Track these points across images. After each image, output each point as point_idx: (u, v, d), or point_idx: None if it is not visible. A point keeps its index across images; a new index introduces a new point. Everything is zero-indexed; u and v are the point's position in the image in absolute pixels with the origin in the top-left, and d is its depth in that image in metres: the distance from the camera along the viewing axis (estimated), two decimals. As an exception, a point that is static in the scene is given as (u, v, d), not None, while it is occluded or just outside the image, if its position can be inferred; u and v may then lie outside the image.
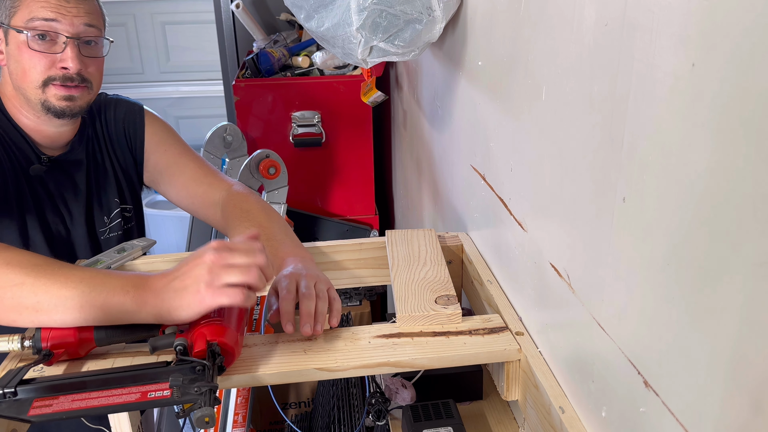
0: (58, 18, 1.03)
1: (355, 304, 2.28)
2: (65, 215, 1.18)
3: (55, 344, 0.79)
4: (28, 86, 1.06)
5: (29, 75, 1.05)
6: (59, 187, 1.17)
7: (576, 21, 0.65)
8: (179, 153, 1.27)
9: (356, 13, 1.00)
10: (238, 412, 1.65)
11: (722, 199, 0.43)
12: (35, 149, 1.13)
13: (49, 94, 1.06)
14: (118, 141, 1.26)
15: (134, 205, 1.31)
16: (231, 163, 2.06)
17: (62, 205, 1.18)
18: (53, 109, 1.08)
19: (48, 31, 1.03)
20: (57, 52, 1.05)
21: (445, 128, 1.32)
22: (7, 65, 1.08)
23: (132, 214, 1.30)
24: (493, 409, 0.99)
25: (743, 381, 0.42)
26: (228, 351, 0.75)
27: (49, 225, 1.16)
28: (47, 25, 1.03)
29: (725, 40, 0.42)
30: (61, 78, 1.06)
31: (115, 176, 1.26)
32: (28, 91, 1.07)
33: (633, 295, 0.56)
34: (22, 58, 1.05)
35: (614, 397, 0.62)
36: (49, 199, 1.16)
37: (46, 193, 1.16)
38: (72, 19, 1.05)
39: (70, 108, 1.08)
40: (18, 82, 1.07)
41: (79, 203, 1.20)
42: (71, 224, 1.19)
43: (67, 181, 1.18)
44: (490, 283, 0.99)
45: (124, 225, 1.28)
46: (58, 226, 1.18)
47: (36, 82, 1.05)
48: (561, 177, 0.71)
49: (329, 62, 2.18)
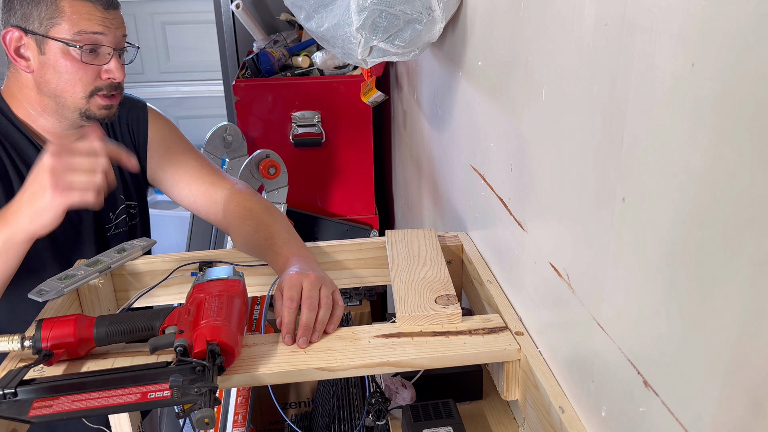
0: (105, 32, 1.06)
1: (355, 304, 2.28)
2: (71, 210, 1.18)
3: (55, 344, 0.79)
4: (71, 96, 1.08)
5: (76, 86, 1.08)
6: None
7: (576, 21, 0.65)
8: (182, 151, 1.27)
9: (356, 13, 1.00)
10: (238, 412, 1.65)
11: (722, 199, 0.43)
12: (34, 143, 1.13)
13: (93, 104, 1.10)
14: (122, 137, 1.26)
15: (139, 203, 1.31)
16: (231, 163, 2.06)
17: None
18: (93, 117, 1.11)
19: (97, 44, 1.06)
20: (103, 64, 1.08)
21: (445, 128, 1.31)
22: (37, 73, 1.08)
23: (137, 212, 1.30)
24: (493, 409, 0.99)
25: (743, 381, 0.42)
26: (228, 351, 0.75)
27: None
28: (95, 39, 1.06)
29: (725, 40, 0.42)
30: (108, 87, 1.10)
31: (120, 173, 1.26)
32: (69, 100, 1.08)
33: (633, 294, 0.56)
34: (68, 69, 1.06)
35: (614, 397, 0.62)
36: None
37: None
38: (114, 31, 1.08)
39: (108, 116, 1.12)
40: (56, 91, 1.08)
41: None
42: (77, 219, 1.19)
43: None
44: (490, 283, 0.99)
45: (129, 222, 1.28)
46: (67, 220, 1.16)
47: (83, 92, 1.08)
48: (561, 177, 0.71)
49: (329, 62, 2.18)
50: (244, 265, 1.09)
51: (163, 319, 0.83)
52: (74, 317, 0.81)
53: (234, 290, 0.84)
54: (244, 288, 0.87)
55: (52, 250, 1.16)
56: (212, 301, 0.80)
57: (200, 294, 0.83)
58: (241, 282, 0.87)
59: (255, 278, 1.11)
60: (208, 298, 0.81)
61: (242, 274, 0.90)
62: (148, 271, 1.08)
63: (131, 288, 1.09)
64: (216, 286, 0.84)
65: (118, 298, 1.09)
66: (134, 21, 3.61)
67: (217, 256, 1.10)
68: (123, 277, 1.08)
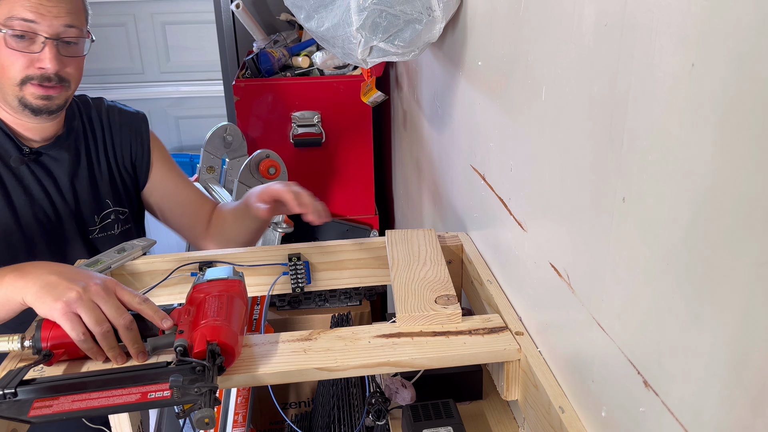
0: (37, 19, 1.03)
1: (355, 304, 2.28)
2: (48, 209, 1.19)
3: (55, 344, 0.79)
4: (5, 82, 1.07)
5: (7, 72, 1.06)
6: (41, 179, 1.18)
7: (576, 21, 0.65)
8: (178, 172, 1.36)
9: (356, 13, 1.00)
10: (238, 412, 1.65)
11: (722, 199, 0.43)
12: (16, 141, 1.14)
13: (27, 92, 1.07)
14: (121, 145, 1.27)
15: (131, 209, 1.32)
16: (231, 163, 2.06)
17: (46, 197, 1.18)
18: (30, 107, 1.09)
19: (26, 31, 1.03)
20: (35, 52, 1.05)
21: (445, 128, 1.32)
22: None
23: (128, 217, 1.31)
24: (493, 409, 0.99)
25: (743, 381, 0.42)
26: (228, 351, 0.75)
27: (38, 217, 1.17)
28: (26, 26, 1.03)
29: (725, 40, 0.42)
30: (39, 78, 1.06)
31: (111, 177, 1.27)
32: (5, 87, 1.08)
33: (633, 294, 0.56)
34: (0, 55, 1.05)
35: (614, 397, 0.62)
36: (34, 190, 1.17)
37: (32, 183, 1.17)
38: (51, 20, 1.04)
39: (47, 106, 1.10)
40: None
41: (64, 198, 1.20)
42: (56, 219, 1.19)
43: (48, 175, 1.19)
44: (490, 283, 0.99)
45: (121, 227, 1.29)
46: (46, 219, 1.18)
47: (14, 79, 1.06)
48: (561, 177, 0.71)
49: (329, 62, 2.18)
50: (244, 265, 1.09)
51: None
52: (74, 317, 0.81)
53: (234, 290, 0.84)
54: (244, 288, 0.87)
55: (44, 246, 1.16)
56: (212, 301, 0.80)
57: (200, 294, 0.83)
58: (241, 282, 0.87)
59: (255, 278, 1.11)
60: (208, 298, 0.81)
61: (242, 274, 0.90)
62: (148, 271, 1.08)
63: (131, 288, 1.09)
64: (216, 286, 0.84)
65: (118, 298, 1.09)
66: (134, 21, 3.60)
67: (217, 256, 1.10)
68: (123, 277, 1.08)
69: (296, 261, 1.10)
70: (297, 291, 1.11)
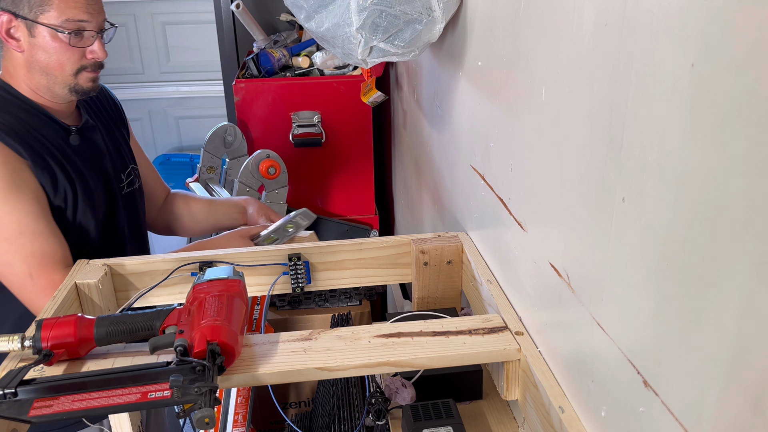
0: (89, 18, 1.21)
1: (355, 304, 2.28)
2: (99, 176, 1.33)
3: (55, 344, 0.79)
4: (60, 73, 1.22)
5: (65, 65, 1.22)
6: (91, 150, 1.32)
7: (576, 21, 0.65)
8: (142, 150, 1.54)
9: (356, 13, 1.00)
10: (238, 412, 1.65)
11: (722, 199, 0.43)
12: (62, 123, 1.27)
13: (81, 79, 1.24)
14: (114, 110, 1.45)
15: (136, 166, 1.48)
16: (231, 163, 2.06)
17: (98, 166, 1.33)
18: (81, 91, 1.26)
19: (80, 30, 1.21)
20: (87, 45, 1.24)
21: (445, 128, 1.32)
22: (27, 53, 1.20)
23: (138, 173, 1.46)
24: (493, 409, 0.99)
25: (743, 381, 0.42)
26: (228, 351, 0.75)
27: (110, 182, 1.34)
28: (80, 25, 1.20)
29: (725, 40, 0.42)
30: (92, 66, 1.26)
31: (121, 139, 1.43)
32: (59, 77, 1.23)
33: (632, 294, 0.56)
34: (56, 51, 1.20)
35: (614, 397, 0.62)
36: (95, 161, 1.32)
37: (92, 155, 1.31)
38: (97, 17, 1.23)
39: (94, 88, 1.28)
40: (48, 70, 1.22)
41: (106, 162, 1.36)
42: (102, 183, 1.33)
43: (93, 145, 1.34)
44: (490, 283, 0.99)
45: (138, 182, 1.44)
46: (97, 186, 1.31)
47: (71, 70, 1.23)
48: (560, 177, 0.71)
49: (329, 62, 2.18)
50: (244, 265, 1.09)
51: (163, 319, 0.83)
52: (74, 317, 0.81)
53: (234, 290, 0.84)
54: (244, 288, 0.87)
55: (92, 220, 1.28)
56: (212, 301, 0.80)
57: (200, 294, 0.83)
58: (241, 282, 0.87)
59: (255, 278, 1.11)
60: (208, 298, 0.81)
61: (242, 274, 0.90)
62: (148, 271, 1.09)
63: (131, 288, 1.09)
64: (216, 286, 0.84)
65: (118, 298, 1.09)
66: (134, 21, 3.60)
67: (217, 256, 1.10)
68: (123, 277, 1.08)
69: (296, 261, 1.10)
70: (297, 291, 1.11)
